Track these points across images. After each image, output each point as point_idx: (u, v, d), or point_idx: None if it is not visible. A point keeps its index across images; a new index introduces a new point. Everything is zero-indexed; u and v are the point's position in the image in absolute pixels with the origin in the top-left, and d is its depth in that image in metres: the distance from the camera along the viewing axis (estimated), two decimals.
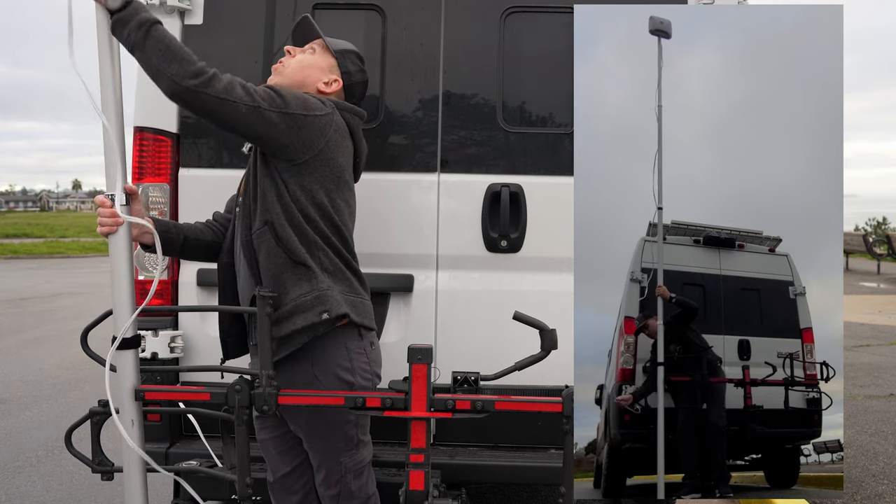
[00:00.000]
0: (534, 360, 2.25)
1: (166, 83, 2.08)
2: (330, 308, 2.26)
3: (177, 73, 2.05)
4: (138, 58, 2.11)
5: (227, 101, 2.11)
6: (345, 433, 2.39)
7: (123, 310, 2.19)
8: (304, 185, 2.29)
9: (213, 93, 2.09)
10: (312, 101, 2.31)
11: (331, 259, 2.33)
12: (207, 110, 2.13)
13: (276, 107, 2.20)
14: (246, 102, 2.14)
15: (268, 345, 2.14)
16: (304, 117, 2.24)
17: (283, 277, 2.28)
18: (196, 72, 2.07)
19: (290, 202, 2.28)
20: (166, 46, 2.07)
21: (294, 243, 2.27)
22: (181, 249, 2.49)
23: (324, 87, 2.48)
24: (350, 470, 2.42)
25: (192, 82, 2.06)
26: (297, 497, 2.54)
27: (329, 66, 2.50)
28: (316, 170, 2.29)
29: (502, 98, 2.98)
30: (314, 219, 2.30)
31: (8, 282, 16.72)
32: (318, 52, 2.51)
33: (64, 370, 7.72)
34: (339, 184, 2.36)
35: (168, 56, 2.06)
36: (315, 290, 2.27)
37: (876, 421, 5.92)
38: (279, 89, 2.26)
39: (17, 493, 4.48)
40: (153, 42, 2.06)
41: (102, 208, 2.16)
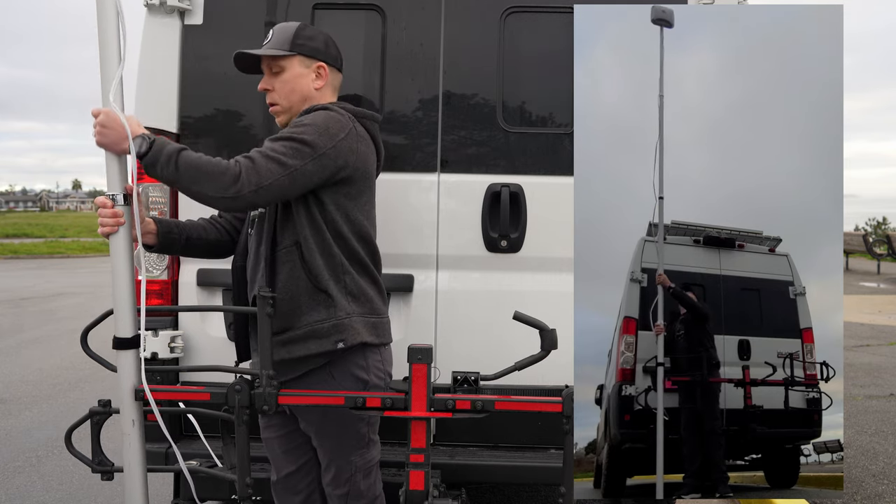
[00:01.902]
0: (534, 360, 2.25)
1: (212, 202, 2.16)
2: (346, 337, 2.29)
3: (216, 190, 2.11)
4: (178, 189, 2.20)
5: (268, 187, 2.15)
6: (357, 431, 2.39)
7: (123, 310, 2.19)
8: (340, 203, 2.30)
9: (253, 188, 2.13)
10: (333, 123, 2.28)
11: (356, 282, 2.33)
12: (258, 203, 2.19)
13: (307, 157, 2.20)
14: (283, 174, 2.16)
15: (268, 345, 2.14)
16: (334, 147, 2.24)
17: (301, 300, 2.29)
18: (230, 181, 2.11)
19: (322, 223, 2.28)
20: (196, 169, 2.12)
21: (319, 268, 2.28)
22: (183, 248, 2.50)
23: (318, 86, 2.42)
24: (360, 469, 2.42)
25: (232, 191, 2.11)
26: (301, 497, 2.53)
27: (300, 65, 2.40)
28: (353, 185, 2.32)
29: (502, 98, 2.98)
30: (346, 237, 2.31)
31: (8, 282, 16.72)
32: (282, 63, 2.39)
33: (64, 370, 7.72)
34: (369, 195, 2.40)
35: (201, 178, 2.11)
36: (332, 318, 2.29)
37: (876, 421, 5.91)
38: (300, 135, 2.22)
39: (17, 493, 4.48)
40: (184, 171, 2.11)
41: (103, 209, 2.16)
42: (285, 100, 2.41)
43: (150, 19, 2.96)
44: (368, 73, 3.01)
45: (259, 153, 2.17)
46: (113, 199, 2.15)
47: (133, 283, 2.21)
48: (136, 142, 2.10)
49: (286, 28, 2.42)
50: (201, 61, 2.99)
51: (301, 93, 2.40)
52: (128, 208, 2.19)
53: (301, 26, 2.43)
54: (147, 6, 2.94)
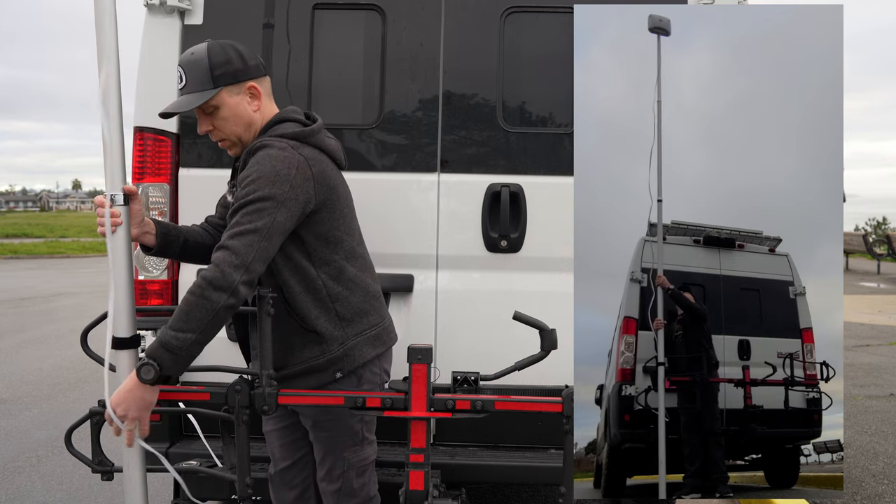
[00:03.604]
0: (534, 360, 2.25)
1: (228, 309, 2.06)
2: (343, 367, 2.31)
3: (221, 301, 2.03)
4: (213, 333, 2.08)
5: (254, 259, 2.07)
6: (350, 427, 2.40)
7: (122, 310, 2.19)
8: (319, 231, 2.26)
9: (241, 273, 2.05)
10: (279, 164, 2.15)
11: (347, 304, 2.32)
12: (255, 276, 2.09)
13: (272, 211, 2.10)
14: (259, 239, 2.08)
15: (268, 345, 2.15)
16: (292, 188, 2.14)
17: (293, 340, 2.29)
18: (222, 286, 2.03)
19: (305, 260, 2.25)
20: (193, 314, 2.02)
21: (305, 309, 2.27)
22: (180, 252, 2.49)
23: (256, 107, 2.30)
24: (353, 466, 2.42)
25: (229, 291, 2.03)
26: (296, 492, 2.55)
27: (230, 95, 2.26)
28: (323, 209, 2.25)
29: (502, 98, 2.98)
30: (331, 260, 2.28)
31: (8, 282, 16.72)
32: (212, 103, 2.26)
33: (64, 370, 7.72)
34: (342, 204, 2.33)
35: (203, 312, 2.02)
36: (327, 353, 2.30)
37: (876, 421, 5.91)
38: (253, 194, 2.11)
39: (17, 493, 4.48)
40: (194, 328, 2.02)
41: (102, 209, 2.16)
42: (231, 134, 2.31)
43: (150, 19, 2.96)
44: (368, 73, 3.01)
45: (228, 236, 2.10)
46: (112, 199, 2.15)
47: (131, 283, 2.20)
48: (148, 375, 2.02)
49: (197, 63, 2.24)
50: None
51: (244, 121, 2.29)
52: (126, 208, 2.18)
53: (210, 54, 2.24)
54: (147, 6, 2.94)
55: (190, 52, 2.27)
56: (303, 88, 2.97)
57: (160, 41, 2.96)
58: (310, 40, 2.97)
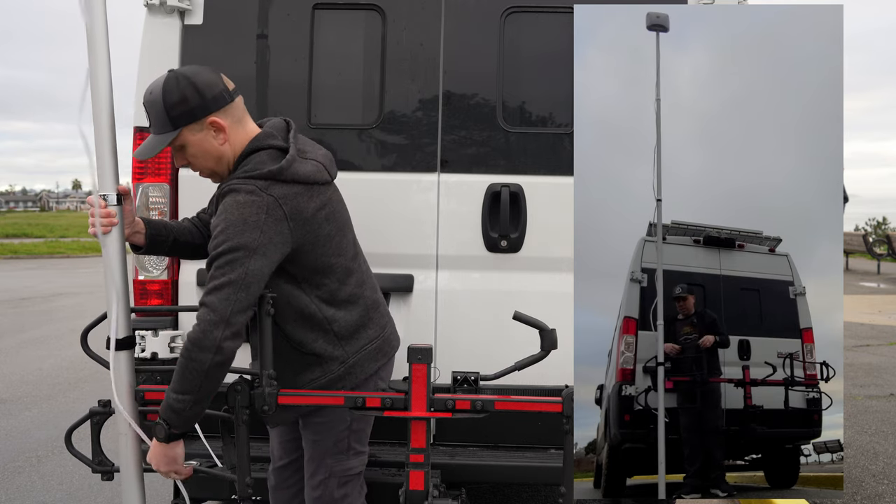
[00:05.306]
0: (534, 360, 2.25)
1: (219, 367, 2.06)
2: (346, 384, 2.31)
3: (209, 362, 2.03)
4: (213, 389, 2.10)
5: (233, 312, 2.04)
6: (336, 433, 2.38)
7: (118, 310, 2.19)
8: (307, 262, 2.21)
9: (222, 329, 2.03)
10: (247, 211, 2.07)
11: (345, 323, 2.30)
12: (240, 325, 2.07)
13: (245, 259, 2.05)
14: (235, 290, 2.04)
15: (268, 344, 2.15)
16: (263, 234, 2.07)
17: (294, 363, 2.29)
18: (208, 346, 2.02)
19: (297, 289, 2.23)
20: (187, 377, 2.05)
21: (302, 335, 2.26)
22: (170, 250, 2.48)
23: (221, 143, 2.21)
24: (335, 475, 2.39)
25: (213, 349, 2.02)
26: (291, 492, 2.56)
27: (193, 133, 2.19)
28: (305, 241, 2.18)
29: (502, 98, 2.98)
30: (325, 283, 2.25)
31: (8, 282, 16.71)
32: (177, 143, 2.21)
33: (64, 370, 7.72)
34: (329, 224, 2.25)
35: (195, 374, 2.04)
36: (328, 373, 2.30)
37: (876, 421, 5.91)
38: (223, 245, 2.06)
39: (17, 493, 4.48)
40: (192, 391, 2.05)
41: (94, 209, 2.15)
42: (206, 168, 2.27)
43: (150, 19, 2.96)
44: (368, 73, 3.01)
45: (205, 291, 2.07)
46: (105, 199, 2.15)
47: (126, 283, 2.20)
48: (161, 434, 2.09)
49: (154, 104, 2.17)
50: (201, 61, 2.98)
51: (212, 156, 2.22)
52: (120, 208, 2.18)
53: (164, 95, 2.15)
54: (147, 6, 2.94)
55: (149, 90, 2.19)
56: (303, 88, 2.97)
57: (160, 41, 2.96)
58: (310, 40, 2.97)
